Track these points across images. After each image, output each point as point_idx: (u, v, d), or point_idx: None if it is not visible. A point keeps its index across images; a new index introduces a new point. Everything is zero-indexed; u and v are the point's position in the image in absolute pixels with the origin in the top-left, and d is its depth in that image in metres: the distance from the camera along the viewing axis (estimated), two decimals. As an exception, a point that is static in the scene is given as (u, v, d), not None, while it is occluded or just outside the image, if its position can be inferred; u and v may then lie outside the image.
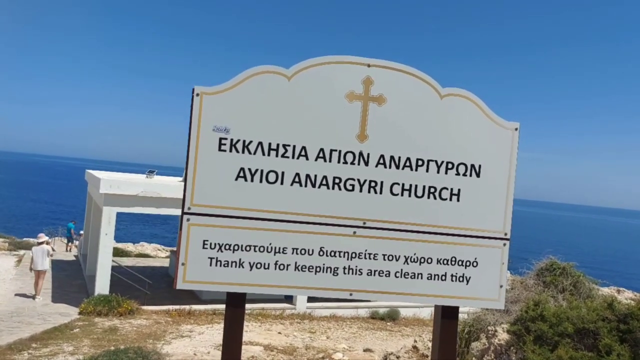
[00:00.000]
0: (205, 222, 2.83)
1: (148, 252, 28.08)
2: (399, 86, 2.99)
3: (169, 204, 15.46)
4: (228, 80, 2.87)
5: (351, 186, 2.94)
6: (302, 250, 2.90)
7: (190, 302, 16.16)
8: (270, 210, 2.88)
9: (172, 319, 14.71)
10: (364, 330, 16.32)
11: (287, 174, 2.90)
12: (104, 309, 13.78)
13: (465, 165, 3.05)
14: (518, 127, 3.12)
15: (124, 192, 14.34)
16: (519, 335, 7.33)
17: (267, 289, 2.90)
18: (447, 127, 3.03)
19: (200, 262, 2.82)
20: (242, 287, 2.87)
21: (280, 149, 2.90)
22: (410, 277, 2.99)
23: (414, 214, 2.99)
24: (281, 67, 2.91)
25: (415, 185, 3.00)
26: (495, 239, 3.08)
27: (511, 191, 3.09)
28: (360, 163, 2.95)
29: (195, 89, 2.83)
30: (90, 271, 17.56)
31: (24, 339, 10.99)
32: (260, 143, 2.88)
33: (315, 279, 2.91)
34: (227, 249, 2.84)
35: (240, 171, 2.86)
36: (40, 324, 12.36)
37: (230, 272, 2.84)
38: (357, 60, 2.96)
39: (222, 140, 2.85)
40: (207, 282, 2.83)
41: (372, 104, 2.97)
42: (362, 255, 2.95)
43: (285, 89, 2.90)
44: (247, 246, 2.86)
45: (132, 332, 12.82)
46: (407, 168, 2.99)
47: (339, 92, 2.94)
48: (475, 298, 3.05)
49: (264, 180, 2.88)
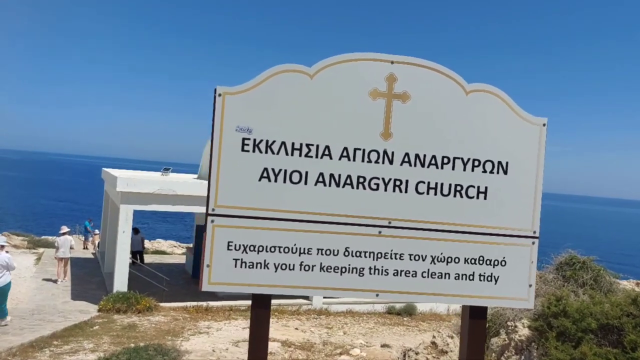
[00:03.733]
0: (230, 223, 2.81)
1: (164, 248, 28.27)
2: (423, 83, 2.93)
3: (184, 201, 15.53)
4: (250, 80, 2.84)
5: (376, 185, 2.90)
6: (327, 250, 2.87)
7: (207, 298, 16.25)
8: (294, 210, 2.85)
9: (190, 315, 14.80)
10: (380, 325, 16.28)
11: (310, 173, 2.86)
12: (123, 306, 13.91)
13: (492, 163, 2.98)
14: (546, 122, 3.05)
15: (140, 190, 14.43)
16: (542, 332, 7.25)
17: (292, 290, 2.87)
18: (473, 124, 2.97)
19: (225, 264, 2.80)
20: (267, 289, 2.85)
21: (303, 149, 2.86)
22: (438, 277, 2.94)
23: (441, 213, 2.94)
24: (303, 65, 2.87)
25: (441, 184, 2.95)
26: (524, 237, 3.02)
27: (539, 188, 3.03)
28: (384, 162, 2.91)
29: (217, 89, 2.81)
30: (108, 268, 17.75)
31: (45, 336, 11.13)
32: (284, 143, 2.85)
33: (341, 279, 2.87)
34: (251, 250, 2.82)
35: (264, 171, 2.84)
36: (60, 321, 12.51)
37: (255, 274, 2.82)
38: (381, 57, 2.91)
39: (245, 140, 2.82)
40: (232, 283, 2.82)
41: (396, 101, 2.92)
42: (388, 256, 2.90)
43: (307, 88, 2.86)
44: (271, 247, 2.83)
45: (150, 329, 12.93)
46: (432, 166, 2.94)
47: (362, 89, 2.89)
48: (504, 298, 3.00)
49: (288, 180, 2.85)
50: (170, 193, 15.09)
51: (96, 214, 33.72)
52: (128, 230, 14.65)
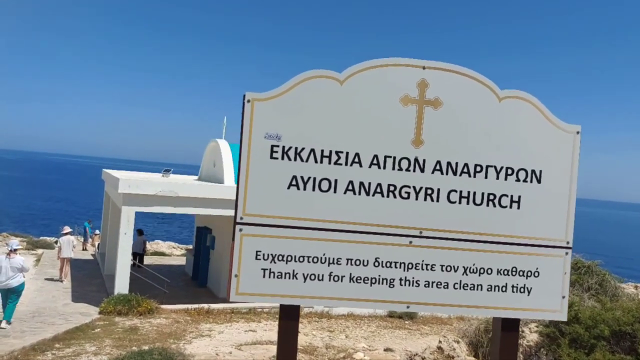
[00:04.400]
0: (258, 232, 2.74)
1: (163, 250, 28.13)
2: (455, 89, 2.87)
3: (186, 203, 15.43)
4: (279, 86, 2.77)
5: (406, 194, 2.83)
6: (357, 260, 2.79)
7: (208, 300, 16.16)
8: (323, 219, 2.78)
9: (191, 317, 14.70)
10: (382, 329, 16.21)
11: (340, 181, 2.79)
12: (124, 309, 13.79)
13: (525, 171, 2.92)
14: (579, 130, 2.99)
15: (142, 192, 14.31)
16: (553, 338, 7.19)
17: (321, 300, 2.80)
18: (506, 131, 2.90)
19: (254, 274, 2.73)
20: (296, 299, 2.78)
21: (332, 156, 2.79)
22: (470, 289, 2.87)
23: (473, 223, 2.87)
24: (333, 71, 2.80)
25: (474, 193, 2.88)
26: (557, 248, 2.95)
27: (573, 197, 2.96)
28: (415, 169, 2.84)
29: (246, 95, 2.73)
30: (108, 270, 17.62)
31: (47, 339, 11.01)
32: (313, 150, 2.78)
33: (371, 290, 2.80)
34: (280, 260, 2.75)
35: (293, 179, 2.77)
36: (62, 323, 12.39)
37: (283, 284, 2.75)
38: (412, 62, 2.84)
39: (274, 147, 2.75)
40: (261, 294, 2.74)
41: (428, 108, 2.85)
42: (419, 266, 2.83)
43: (337, 94, 2.79)
44: (300, 257, 2.76)
45: (152, 331, 12.82)
46: (464, 174, 2.87)
47: (393, 95, 2.83)
48: (537, 309, 2.93)
49: (317, 188, 2.78)
50: (172, 195, 14.98)
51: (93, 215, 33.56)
52: (130, 232, 14.53)
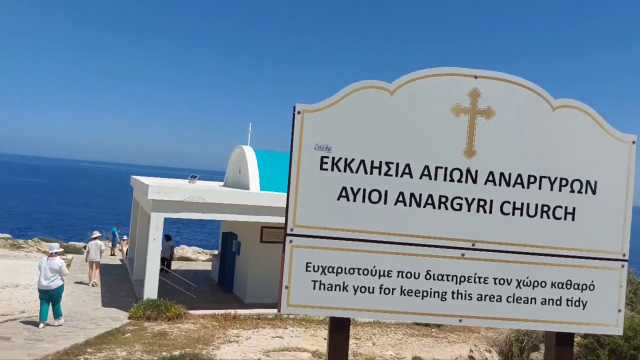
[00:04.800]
0: (308, 243, 2.73)
1: (189, 255, 28.40)
2: (508, 98, 2.82)
3: (213, 209, 15.55)
4: (329, 97, 2.76)
5: (458, 205, 2.79)
6: (408, 273, 2.76)
7: (234, 306, 16.25)
8: (373, 231, 2.76)
9: (219, 323, 14.77)
10: (409, 336, 16.04)
11: (390, 193, 2.77)
12: (153, 314, 13.94)
13: (580, 182, 2.85)
14: (635, 140, 2.91)
15: (171, 198, 14.48)
16: (591, 349, 7.01)
17: (371, 314, 2.78)
18: (560, 141, 2.84)
19: (304, 285, 2.72)
20: (346, 312, 2.75)
21: (383, 167, 2.77)
22: (523, 302, 2.81)
23: (527, 235, 2.81)
24: (383, 81, 2.78)
25: (528, 204, 2.82)
26: (613, 260, 2.87)
27: (629, 209, 2.88)
28: (467, 181, 2.80)
29: (296, 106, 2.73)
30: (137, 275, 17.86)
31: (79, 343, 11.19)
32: (363, 161, 2.76)
33: (422, 304, 2.76)
34: (330, 272, 2.73)
35: (342, 190, 2.75)
36: (93, 328, 12.58)
37: (334, 296, 2.73)
38: (463, 71, 2.81)
39: (324, 158, 2.74)
40: (311, 306, 2.73)
41: (480, 118, 2.81)
42: (471, 279, 2.79)
43: (387, 104, 2.77)
44: (350, 269, 2.74)
45: (181, 336, 12.93)
46: (518, 185, 2.82)
47: (444, 105, 2.79)
48: (592, 324, 2.85)
49: (367, 199, 2.76)
50: (199, 201, 15.12)
51: (121, 220, 34.11)
52: (158, 237, 14.71)
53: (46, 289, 11.77)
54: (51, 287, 11.80)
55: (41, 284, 11.73)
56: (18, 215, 58.03)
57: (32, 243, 25.02)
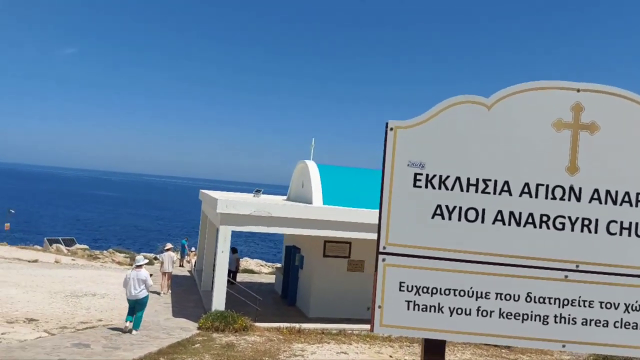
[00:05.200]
0: (402, 262, 2.68)
1: (252, 267, 28.91)
2: (613, 112, 2.67)
3: (278, 222, 15.76)
4: (423, 113, 2.72)
5: (561, 225, 2.65)
6: (507, 295, 2.65)
7: (298, 319, 16.30)
8: (470, 251, 2.67)
9: (284, 336, 14.87)
10: (477, 356, 15.46)
11: (488, 211, 2.67)
12: (221, 325, 14.23)
13: None
14: None
15: (238, 212, 14.83)
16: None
17: (468, 336, 2.68)
18: None
19: (397, 306, 2.67)
20: (442, 334, 2.67)
21: (480, 184, 2.68)
22: (632, 328, 2.62)
23: (636, 256, 2.63)
24: (479, 96, 2.71)
25: (636, 223, 2.64)
26: None
27: None
28: (571, 198, 2.66)
29: (389, 123, 2.71)
30: (205, 287, 18.34)
31: (152, 352, 11.58)
32: (458, 178, 2.69)
33: (522, 327, 2.64)
34: (425, 292, 2.66)
35: (437, 208, 2.69)
36: (165, 337, 13.00)
37: (428, 317, 2.66)
38: (565, 84, 2.69)
39: (417, 175, 2.69)
40: (405, 327, 2.67)
41: (583, 133, 2.67)
42: (575, 303, 2.63)
43: (484, 119, 2.69)
44: (446, 289, 2.66)
45: (248, 348, 13.10)
46: (625, 204, 2.65)
47: (545, 120, 2.68)
48: None
49: (463, 218, 2.68)
50: (265, 215, 15.38)
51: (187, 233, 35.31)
52: (226, 250, 15.07)
53: (134, 298, 12.76)
54: (138, 297, 12.77)
55: (130, 293, 12.73)
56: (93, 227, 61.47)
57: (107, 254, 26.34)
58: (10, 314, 13.69)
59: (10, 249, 26.45)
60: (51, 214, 73.54)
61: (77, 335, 12.29)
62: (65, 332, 12.61)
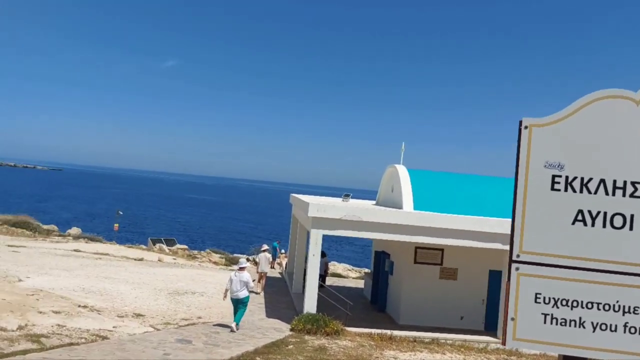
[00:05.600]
0: (537, 272, 2.48)
1: (339, 271, 29.02)
2: None
3: (367, 227, 15.66)
4: (561, 110, 2.51)
5: None
6: None
7: (388, 326, 16.07)
8: (616, 261, 2.42)
9: (375, 343, 14.70)
10: None
11: (637, 217, 2.41)
12: (313, 328, 14.36)
13: None
14: None
15: (329, 216, 14.91)
16: None
17: (612, 354, 2.42)
18: None
19: (532, 318, 2.47)
20: (583, 351, 2.44)
21: (628, 187, 2.43)
22: None
23: None
24: (627, 90, 2.46)
25: None
26: None
27: None
28: None
29: (523, 121, 2.54)
30: (296, 289, 18.66)
31: (249, 351, 11.92)
32: (603, 180, 2.45)
33: None
34: (563, 305, 2.45)
35: (578, 214, 2.46)
36: (260, 337, 13.35)
37: (567, 332, 2.44)
38: None
39: (556, 177, 2.49)
40: (541, 341, 2.47)
41: None
42: None
43: (633, 116, 2.44)
44: (588, 303, 2.43)
45: (339, 352, 13.09)
46: None
47: None
48: None
49: (608, 224, 2.43)
50: (355, 219, 15.35)
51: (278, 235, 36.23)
52: (317, 253, 15.21)
53: (236, 297, 13.55)
54: (239, 296, 13.55)
55: (233, 293, 13.54)
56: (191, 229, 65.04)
57: (205, 254, 27.69)
58: (121, 308, 14.73)
59: (119, 248, 28.61)
60: (154, 215, 78.83)
61: (179, 331, 12.96)
62: (169, 327, 13.36)
